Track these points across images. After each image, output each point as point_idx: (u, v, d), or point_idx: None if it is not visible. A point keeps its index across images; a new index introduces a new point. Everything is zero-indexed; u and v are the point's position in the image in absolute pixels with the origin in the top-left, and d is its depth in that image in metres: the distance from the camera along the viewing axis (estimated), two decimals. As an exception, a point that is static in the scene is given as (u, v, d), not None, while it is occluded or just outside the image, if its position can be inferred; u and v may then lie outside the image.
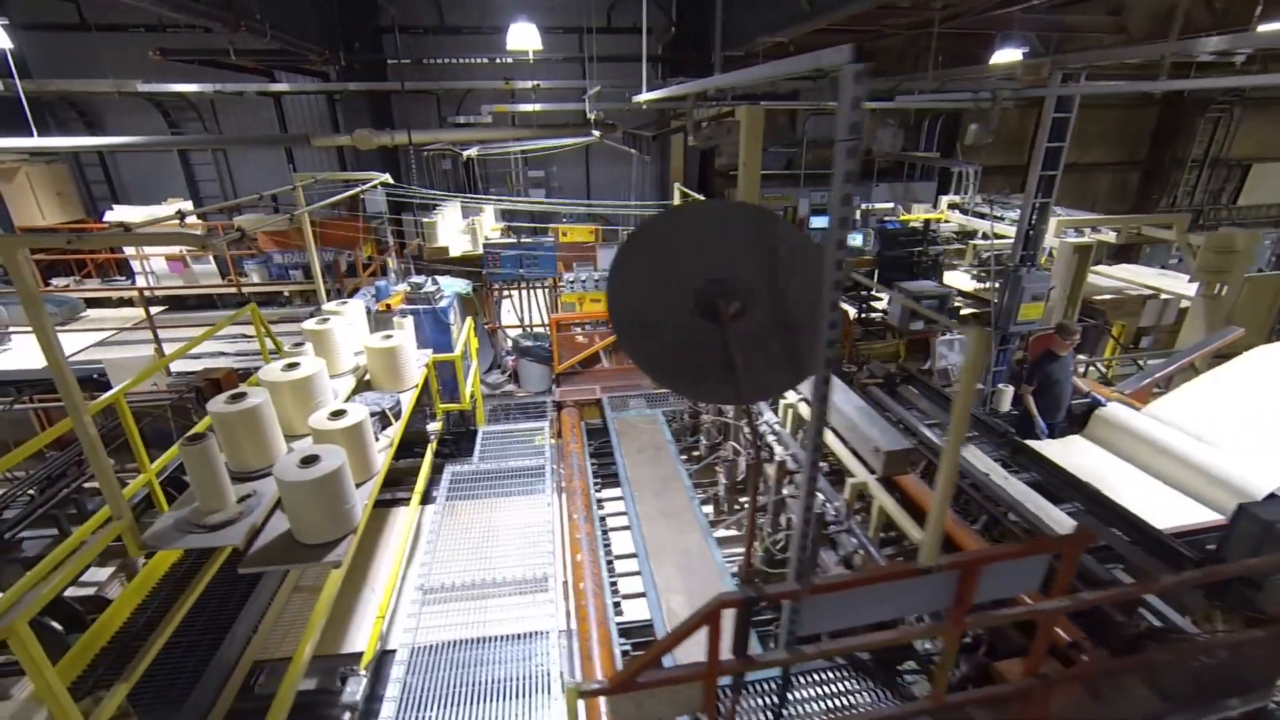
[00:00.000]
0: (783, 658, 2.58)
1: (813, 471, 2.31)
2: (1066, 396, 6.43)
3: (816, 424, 2.27)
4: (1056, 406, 6.59)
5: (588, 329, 8.19)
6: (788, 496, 4.33)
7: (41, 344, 2.54)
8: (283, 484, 3.03)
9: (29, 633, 2.38)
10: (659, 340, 2.49)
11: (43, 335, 2.52)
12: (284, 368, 3.96)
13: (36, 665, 2.36)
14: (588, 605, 4.07)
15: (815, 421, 2.26)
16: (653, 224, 2.81)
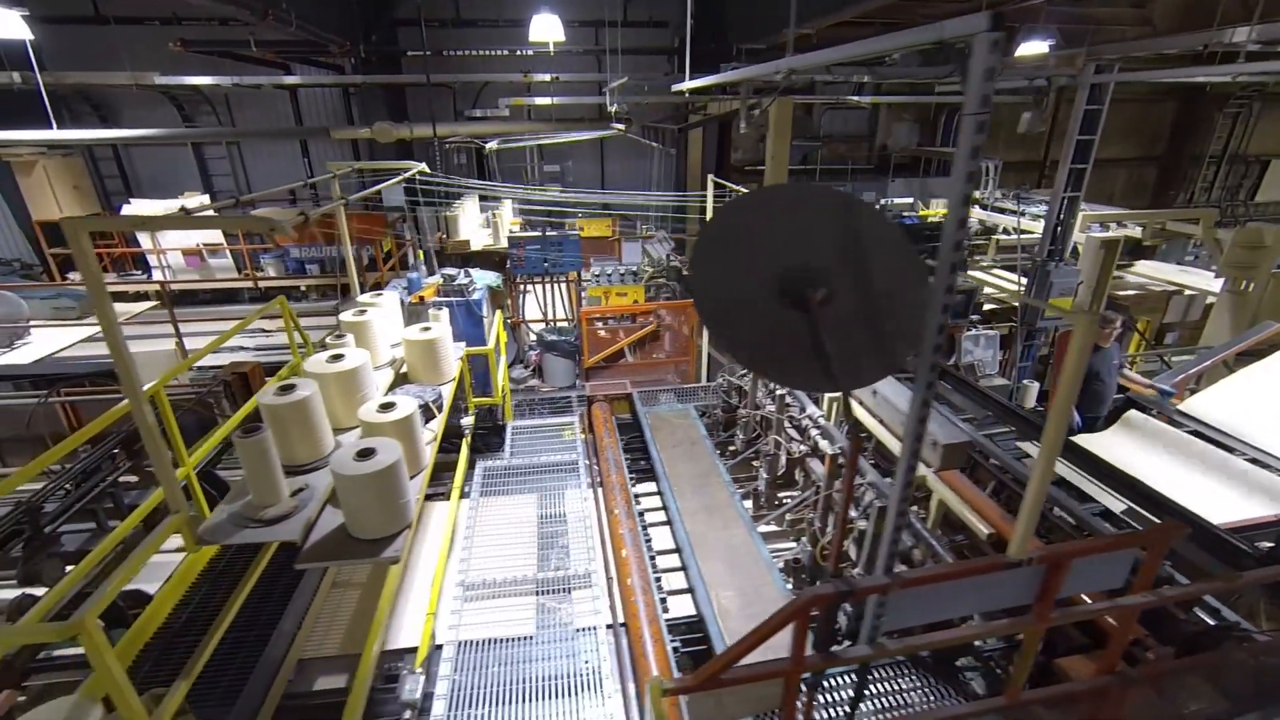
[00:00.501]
0: (867, 653, 2.50)
1: (909, 469, 2.23)
2: (1109, 392, 6.28)
3: (916, 419, 2.20)
4: (1097, 401, 6.45)
5: (610, 323, 8.12)
6: (836, 491, 4.25)
7: (106, 332, 2.47)
8: (340, 477, 2.96)
9: (98, 628, 2.31)
10: (745, 327, 2.41)
11: (107, 323, 2.45)
12: (328, 359, 3.89)
13: (106, 663, 2.29)
14: (637, 601, 4.00)
15: (915, 415, 2.19)
16: (731, 209, 2.73)
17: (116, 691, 2.40)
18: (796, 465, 5.16)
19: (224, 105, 13.85)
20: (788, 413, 5.11)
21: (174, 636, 4.02)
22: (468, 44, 12.99)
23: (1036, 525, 3.61)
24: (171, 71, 10.56)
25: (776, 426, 5.12)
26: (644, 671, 3.59)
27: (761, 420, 5.81)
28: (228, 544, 3.02)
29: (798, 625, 2.33)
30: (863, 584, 2.33)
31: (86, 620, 2.27)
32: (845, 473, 2.35)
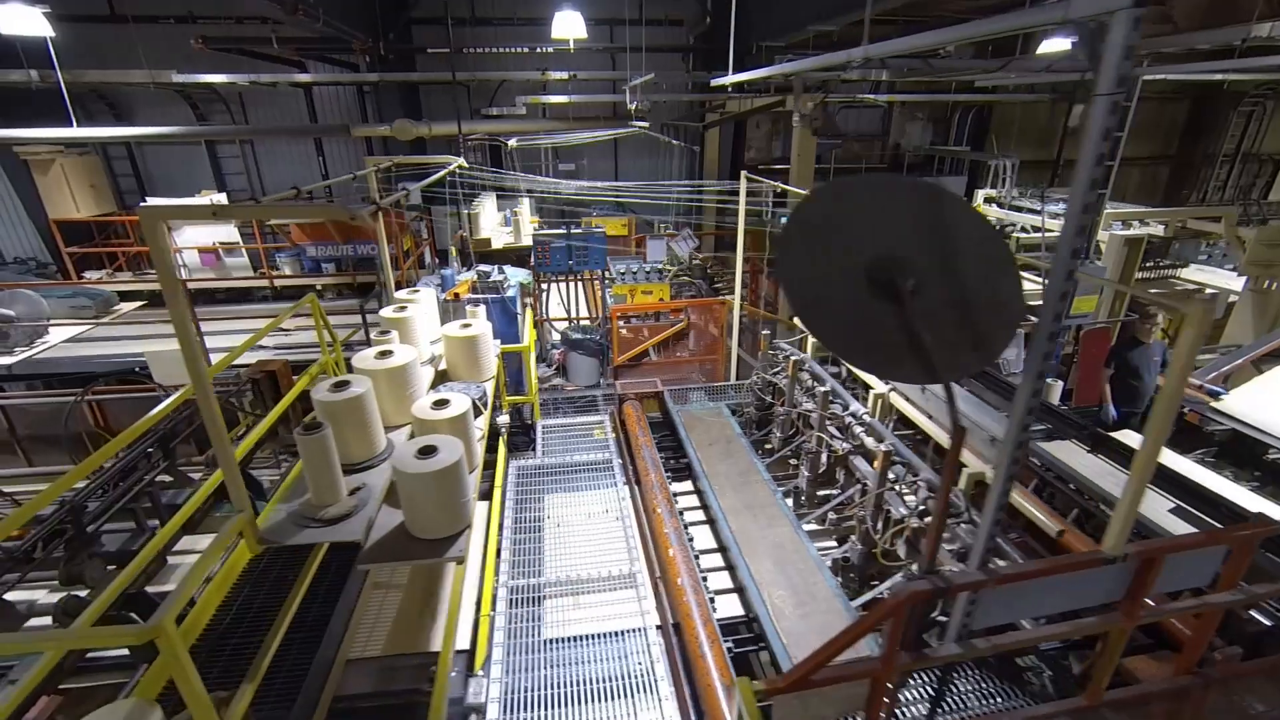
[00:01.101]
0: (958, 653, 2.44)
1: (1012, 467, 2.17)
2: (1147, 390, 6.23)
3: (1019, 423, 2.14)
4: (1133, 397, 6.41)
5: (633, 321, 8.07)
6: (888, 489, 4.19)
7: (179, 328, 2.41)
8: (403, 475, 2.90)
9: (175, 631, 2.25)
10: (835, 318, 2.36)
11: (180, 319, 2.40)
12: (376, 356, 3.84)
13: (183, 667, 2.24)
14: (689, 601, 3.94)
15: (1018, 417, 2.13)
16: (811, 201, 2.67)
17: (193, 697, 2.34)
18: (839, 463, 5.10)
19: (238, 104, 13.81)
20: (830, 409, 5.04)
21: (219, 638, 3.96)
22: (484, 42, 12.94)
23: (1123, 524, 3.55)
24: (187, 70, 10.51)
25: (819, 424, 5.06)
26: (702, 673, 3.53)
27: (799, 418, 5.75)
28: (291, 544, 2.95)
29: (895, 623, 2.27)
30: (960, 580, 2.27)
31: (165, 623, 2.21)
32: (945, 468, 2.29)
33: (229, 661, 3.55)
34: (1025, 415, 2.11)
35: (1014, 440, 2.17)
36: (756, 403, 6.38)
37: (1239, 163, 17.85)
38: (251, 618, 3.79)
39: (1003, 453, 2.21)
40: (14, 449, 6.98)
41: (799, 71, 6.14)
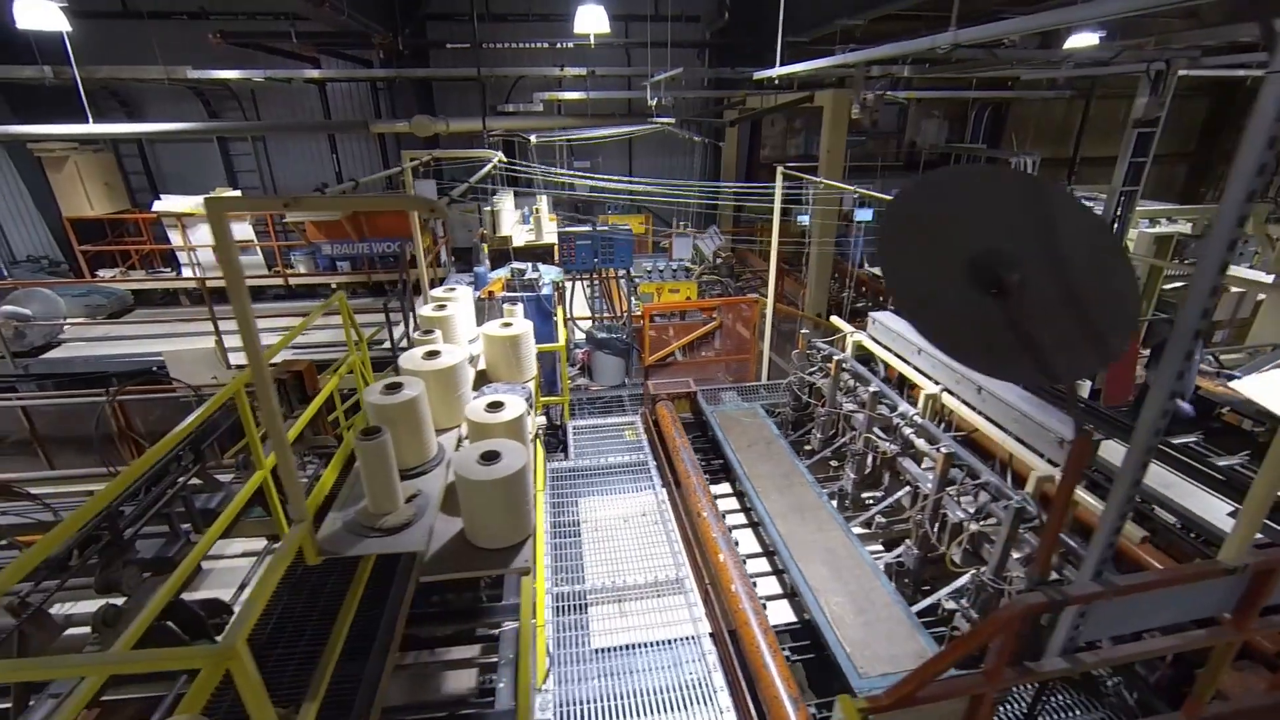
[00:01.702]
0: (1064, 667, 2.31)
1: (1139, 468, 2.04)
2: (1185, 391, 6.09)
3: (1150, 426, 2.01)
4: (1174, 398, 6.24)
5: (658, 320, 7.93)
6: (948, 493, 4.06)
7: (241, 325, 2.29)
8: (466, 483, 2.78)
9: (247, 652, 2.12)
10: (942, 314, 2.24)
11: (243, 315, 2.27)
12: (424, 355, 3.71)
13: (255, 689, 2.11)
14: (745, 609, 3.81)
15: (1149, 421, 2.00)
16: (908, 195, 2.54)
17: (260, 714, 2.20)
18: (885, 466, 4.98)
19: (250, 101, 13.67)
20: (878, 410, 4.91)
21: (262, 648, 3.84)
22: (500, 38, 12.81)
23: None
24: (203, 65, 10.37)
25: (866, 425, 4.93)
26: (766, 684, 3.40)
27: (840, 419, 5.62)
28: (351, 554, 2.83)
29: (1007, 637, 2.15)
30: (1077, 592, 2.14)
31: (239, 647, 2.08)
32: (1066, 471, 2.16)
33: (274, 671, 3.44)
34: (1158, 419, 1.98)
35: (1143, 445, 2.03)
36: (793, 403, 6.25)
37: (1257, 160, 17.61)
38: (292, 627, 3.67)
39: (1130, 460, 2.07)
40: (34, 449, 6.85)
41: (860, 61, 6.00)
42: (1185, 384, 6.25)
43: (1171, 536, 3.81)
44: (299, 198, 2.41)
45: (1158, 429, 2.01)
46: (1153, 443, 2.01)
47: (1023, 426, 3.95)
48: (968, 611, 3.68)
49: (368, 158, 14.26)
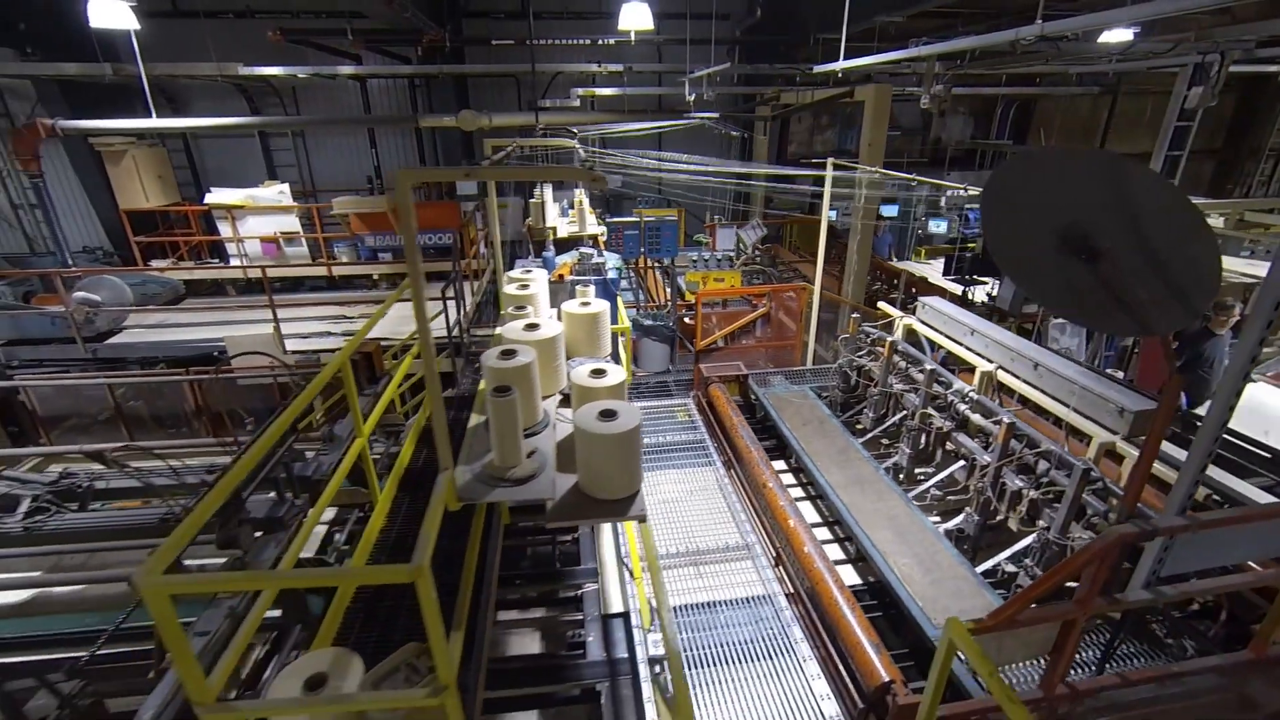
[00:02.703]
0: (1148, 599, 2.56)
1: (1226, 410, 2.29)
2: (1215, 380, 6.28)
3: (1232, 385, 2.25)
4: (1206, 386, 6.46)
5: (707, 309, 8.19)
6: (1006, 462, 4.30)
7: (416, 305, 2.55)
8: (589, 436, 3.03)
9: (429, 571, 2.38)
10: (1039, 275, 2.50)
11: (418, 296, 2.52)
12: (525, 327, 3.99)
13: (433, 606, 2.36)
14: (820, 568, 4.07)
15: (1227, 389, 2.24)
16: (1005, 172, 2.80)
17: (438, 638, 2.45)
18: (940, 441, 5.22)
19: (291, 97, 14.05)
20: (933, 388, 5.16)
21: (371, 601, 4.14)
22: (536, 35, 13.10)
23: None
24: (250, 63, 10.72)
25: (924, 401, 5.18)
26: (847, 632, 3.66)
27: (891, 399, 5.88)
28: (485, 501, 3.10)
29: (1101, 566, 2.40)
30: (1165, 524, 2.39)
31: (424, 565, 2.34)
32: (1163, 405, 2.39)
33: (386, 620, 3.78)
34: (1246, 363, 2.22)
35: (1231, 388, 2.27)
36: (842, 385, 6.50)
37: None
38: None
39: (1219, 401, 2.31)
40: (118, 424, 7.22)
41: (932, 55, 6.23)
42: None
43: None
44: (475, 169, 2.66)
45: (1246, 372, 2.24)
46: (1241, 385, 2.25)
47: (1081, 399, 4.19)
48: (1031, 569, 3.93)
49: (404, 151, 14.61)
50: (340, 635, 3.63)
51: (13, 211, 12.74)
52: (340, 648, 3.06)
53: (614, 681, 3.86)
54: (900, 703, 3.16)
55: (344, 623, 3.80)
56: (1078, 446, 4.27)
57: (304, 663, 2.92)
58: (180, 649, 2.12)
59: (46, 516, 4.38)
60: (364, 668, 2.93)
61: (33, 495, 4.43)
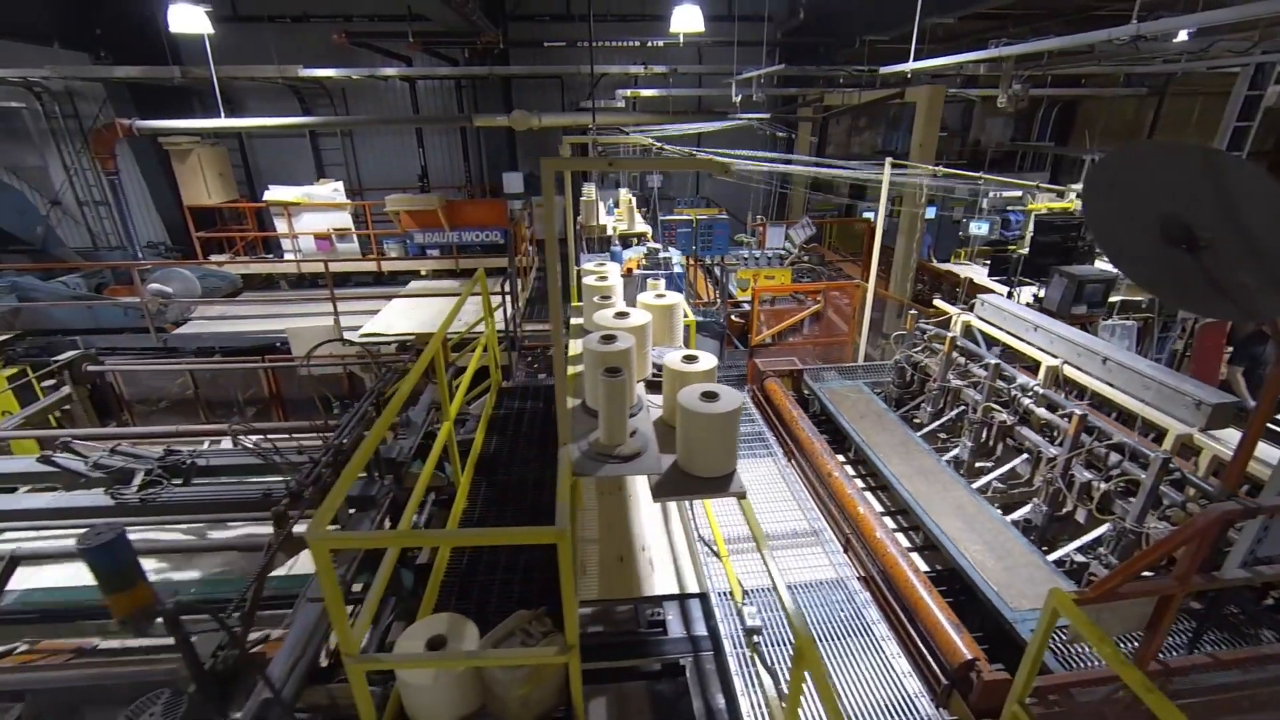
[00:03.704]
0: (1245, 577, 2.67)
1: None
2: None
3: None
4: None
5: (744, 306, 8.32)
6: (1075, 453, 4.39)
7: (549, 285, 2.74)
8: (694, 416, 3.20)
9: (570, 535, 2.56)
10: (1143, 262, 2.62)
11: (552, 273, 2.72)
12: (615, 315, 4.17)
13: (571, 567, 2.54)
14: (893, 553, 4.21)
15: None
16: (1109, 162, 2.93)
17: (570, 600, 2.62)
18: (1002, 435, 5.32)
19: (341, 97, 14.47)
20: (996, 382, 5.26)
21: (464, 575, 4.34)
22: (580, 36, 13.38)
23: None
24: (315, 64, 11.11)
25: (986, 396, 5.28)
26: (925, 614, 3.80)
27: (949, 394, 5.98)
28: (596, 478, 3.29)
29: (1201, 544, 2.51)
30: (1268, 503, 2.50)
31: (570, 528, 2.53)
32: (1271, 379, 2.49)
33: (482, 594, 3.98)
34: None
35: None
36: (898, 380, 6.61)
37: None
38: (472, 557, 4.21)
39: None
40: (196, 408, 7.56)
41: (1011, 55, 6.32)
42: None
43: None
44: (618, 160, 2.85)
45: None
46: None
47: (1154, 393, 4.28)
48: (1106, 559, 4.03)
49: (448, 150, 14.96)
50: (438, 605, 3.86)
51: (78, 208, 13.30)
52: (452, 613, 3.29)
53: (696, 656, 4.04)
54: (986, 679, 3.29)
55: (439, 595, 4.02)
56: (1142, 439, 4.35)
57: (421, 627, 3.15)
58: (335, 600, 2.34)
59: (159, 489, 4.66)
60: (478, 632, 3.14)
61: (146, 469, 4.71)
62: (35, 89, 12.01)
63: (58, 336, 9.11)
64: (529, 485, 5.07)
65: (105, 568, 2.08)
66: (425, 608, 3.85)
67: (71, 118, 12.87)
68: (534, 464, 5.36)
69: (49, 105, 12.60)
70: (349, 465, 2.75)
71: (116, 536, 2.10)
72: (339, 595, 2.44)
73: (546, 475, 5.18)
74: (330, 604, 2.43)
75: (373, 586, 3.12)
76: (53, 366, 5.91)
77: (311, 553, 2.34)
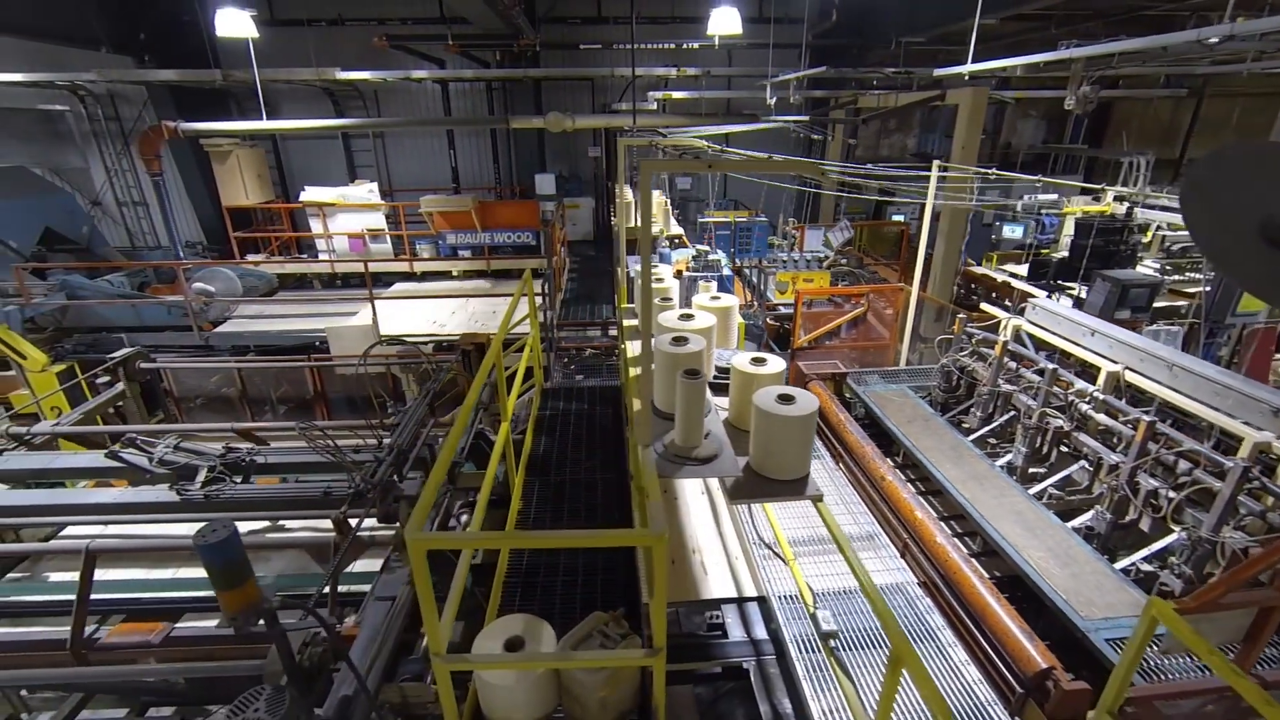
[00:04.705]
0: (1351, 591, 2.62)
1: None
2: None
3: None
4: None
5: (780, 310, 8.30)
6: (1147, 460, 4.33)
7: (644, 304, 2.75)
8: (771, 419, 3.20)
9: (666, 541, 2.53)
10: (1244, 265, 2.58)
11: (645, 265, 2.72)
12: (680, 318, 4.18)
13: (664, 569, 2.52)
14: (956, 559, 4.17)
15: None
16: (1206, 162, 2.89)
17: (660, 604, 2.61)
18: (1057, 441, 5.26)
19: (373, 99, 14.63)
20: (1054, 387, 5.20)
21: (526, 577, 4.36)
22: (612, 38, 13.43)
23: None
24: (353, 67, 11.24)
25: (1043, 400, 5.22)
26: (992, 620, 3.75)
27: (998, 399, 5.92)
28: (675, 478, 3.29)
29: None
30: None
31: (665, 534, 2.51)
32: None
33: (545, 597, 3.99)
34: None
35: None
36: (944, 384, 6.55)
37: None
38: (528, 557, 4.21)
39: None
40: (240, 406, 7.67)
41: (1083, 57, 6.25)
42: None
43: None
44: (716, 160, 2.87)
45: None
46: None
47: (1227, 399, 4.21)
48: (1179, 568, 3.96)
49: (478, 152, 15.07)
50: (501, 604, 3.88)
51: (117, 208, 13.56)
52: (527, 614, 3.30)
53: (759, 660, 4.03)
54: (1065, 688, 3.25)
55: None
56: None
57: (497, 627, 3.16)
58: (428, 601, 2.35)
59: (221, 486, 4.73)
60: (554, 633, 3.15)
61: (209, 466, 4.78)
62: (79, 92, 12.28)
63: (102, 334, 9.29)
64: (580, 486, 5.08)
65: (219, 565, 2.12)
66: (491, 608, 3.87)
67: (113, 120, 13.14)
68: (583, 465, 5.38)
69: (92, 108, 12.89)
70: (434, 470, 2.75)
71: (230, 535, 2.14)
72: (432, 596, 2.45)
73: (597, 477, 5.19)
74: (424, 605, 2.44)
75: (453, 586, 3.13)
76: (109, 364, 6.01)
77: (410, 553, 2.35)
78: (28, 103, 12.16)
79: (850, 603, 4.30)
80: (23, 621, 4.47)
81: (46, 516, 4.54)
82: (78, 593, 3.77)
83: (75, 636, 3.77)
